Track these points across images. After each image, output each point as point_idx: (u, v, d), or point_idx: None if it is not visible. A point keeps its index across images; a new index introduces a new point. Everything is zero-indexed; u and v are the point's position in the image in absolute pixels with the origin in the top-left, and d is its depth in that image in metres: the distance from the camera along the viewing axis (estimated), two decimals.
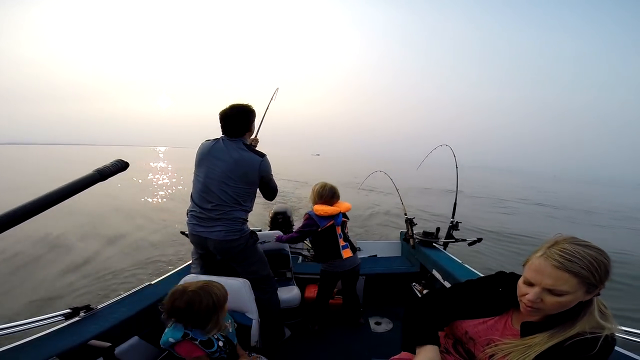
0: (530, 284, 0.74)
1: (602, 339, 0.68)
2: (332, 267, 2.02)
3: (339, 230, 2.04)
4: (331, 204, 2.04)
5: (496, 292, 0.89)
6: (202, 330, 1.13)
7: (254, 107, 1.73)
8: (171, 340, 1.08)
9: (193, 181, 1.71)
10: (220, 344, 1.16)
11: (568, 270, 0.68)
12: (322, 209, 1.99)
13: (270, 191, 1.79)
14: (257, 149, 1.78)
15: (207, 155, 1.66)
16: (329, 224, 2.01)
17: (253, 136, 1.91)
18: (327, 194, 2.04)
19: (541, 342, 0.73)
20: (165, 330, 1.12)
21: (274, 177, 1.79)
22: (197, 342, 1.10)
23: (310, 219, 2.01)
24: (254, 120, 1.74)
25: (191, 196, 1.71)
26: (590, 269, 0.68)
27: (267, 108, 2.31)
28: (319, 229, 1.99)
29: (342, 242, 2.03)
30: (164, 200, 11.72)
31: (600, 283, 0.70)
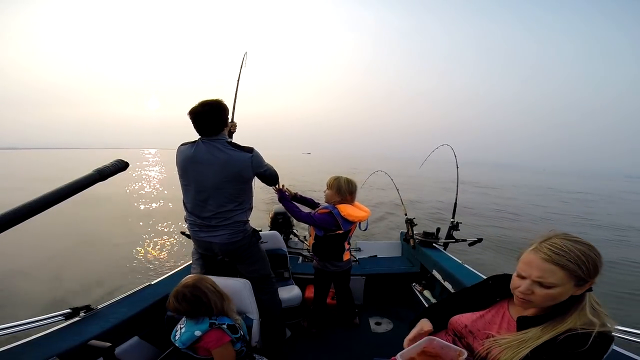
0: (522, 277, 0.78)
1: (594, 335, 0.69)
2: (327, 266, 1.97)
3: (351, 233, 1.95)
4: (352, 202, 1.91)
5: (487, 285, 0.98)
6: (224, 315, 1.16)
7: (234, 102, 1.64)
8: (198, 333, 1.08)
9: (182, 190, 1.62)
10: (242, 332, 1.19)
11: (555, 263, 0.72)
12: (352, 213, 1.82)
13: (269, 179, 1.72)
14: (238, 142, 1.65)
15: (191, 161, 1.53)
16: (350, 228, 1.89)
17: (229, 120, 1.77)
18: (354, 190, 1.90)
19: (534, 337, 0.75)
20: (184, 329, 1.13)
21: (268, 165, 1.70)
22: (224, 327, 1.11)
23: (332, 217, 1.82)
24: (227, 116, 1.62)
25: (184, 204, 1.63)
26: (578, 262, 0.71)
27: (239, 76, 2.17)
28: (338, 232, 1.85)
29: (346, 245, 1.97)
30: (163, 200, 11.73)
31: (589, 277, 0.72)
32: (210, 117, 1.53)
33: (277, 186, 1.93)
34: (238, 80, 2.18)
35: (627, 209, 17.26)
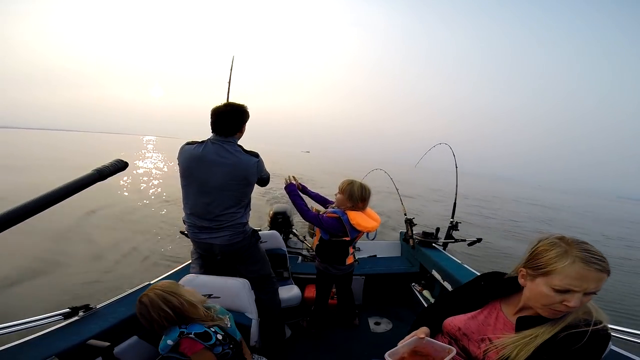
0: (566, 290, 0.72)
1: (593, 333, 0.71)
2: (329, 269, 1.96)
3: (357, 239, 1.93)
4: (364, 210, 1.84)
5: (479, 286, 0.97)
6: (192, 323, 1.13)
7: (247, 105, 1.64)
8: (170, 342, 1.07)
9: (183, 191, 1.61)
10: (219, 337, 1.15)
11: (607, 271, 0.72)
12: (362, 223, 1.75)
13: (264, 181, 1.79)
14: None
15: (199, 162, 1.53)
16: (357, 235, 1.85)
17: None
18: (368, 197, 1.82)
19: (544, 333, 0.75)
20: (163, 337, 1.12)
21: (265, 169, 1.77)
22: (192, 336, 1.09)
23: (340, 223, 1.77)
24: (246, 121, 1.65)
25: (184, 205, 1.63)
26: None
27: (230, 79, 2.23)
28: (344, 238, 1.82)
29: (351, 250, 1.95)
30: (162, 197, 11.69)
31: None
32: (229, 118, 1.57)
33: (287, 179, 1.93)
34: (229, 83, 2.23)
35: (589, 224, 18.03)
